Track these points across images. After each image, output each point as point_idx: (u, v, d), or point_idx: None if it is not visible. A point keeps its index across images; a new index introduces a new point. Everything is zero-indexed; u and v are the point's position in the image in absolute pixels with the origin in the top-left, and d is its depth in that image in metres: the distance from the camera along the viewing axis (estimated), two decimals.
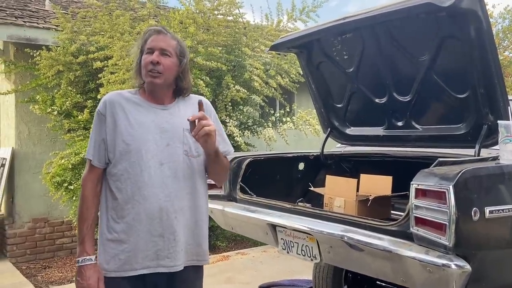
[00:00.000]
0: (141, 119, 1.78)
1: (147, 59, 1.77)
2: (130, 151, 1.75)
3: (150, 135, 1.77)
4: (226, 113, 5.15)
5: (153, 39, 1.80)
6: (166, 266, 1.77)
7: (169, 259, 1.77)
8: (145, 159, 1.74)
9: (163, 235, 1.76)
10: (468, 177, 1.67)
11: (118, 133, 1.76)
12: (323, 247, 2.16)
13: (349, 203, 2.48)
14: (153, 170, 1.75)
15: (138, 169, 1.74)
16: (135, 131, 1.76)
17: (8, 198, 5.78)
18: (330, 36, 2.80)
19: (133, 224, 1.74)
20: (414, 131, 2.77)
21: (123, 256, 1.75)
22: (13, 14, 5.72)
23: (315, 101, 3.25)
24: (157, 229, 1.75)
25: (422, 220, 1.71)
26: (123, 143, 1.75)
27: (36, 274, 5.22)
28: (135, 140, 1.75)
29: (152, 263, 1.76)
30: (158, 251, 1.76)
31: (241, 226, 2.78)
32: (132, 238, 1.74)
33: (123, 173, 1.75)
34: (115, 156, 1.76)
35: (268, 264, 4.98)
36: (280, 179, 3.21)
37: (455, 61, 2.36)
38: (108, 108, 1.79)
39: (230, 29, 5.54)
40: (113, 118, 1.77)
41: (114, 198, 1.77)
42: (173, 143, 1.79)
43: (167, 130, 1.80)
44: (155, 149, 1.76)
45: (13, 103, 5.66)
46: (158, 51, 1.77)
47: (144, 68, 1.79)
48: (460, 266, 1.59)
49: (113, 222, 1.77)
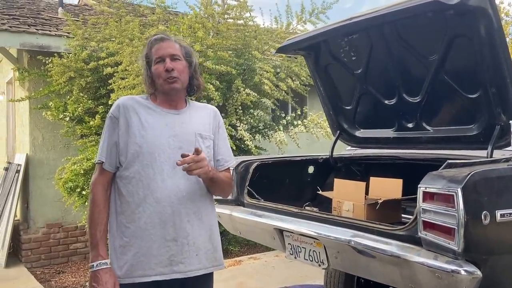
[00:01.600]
0: (154, 123, 1.78)
1: (160, 68, 1.78)
2: (143, 153, 1.74)
3: (163, 138, 1.77)
4: (236, 117, 5.13)
5: (159, 48, 1.81)
6: (181, 272, 1.75)
7: (183, 264, 1.75)
8: (158, 161, 1.74)
9: (177, 240, 1.74)
10: (477, 179, 1.62)
11: (131, 135, 1.75)
12: (330, 252, 2.12)
13: (358, 207, 2.42)
14: (166, 173, 1.74)
15: (151, 172, 1.73)
16: (148, 133, 1.76)
17: (23, 203, 5.86)
18: (337, 37, 2.76)
19: (145, 228, 1.72)
20: (424, 132, 2.71)
21: (135, 261, 1.72)
22: (26, 22, 5.82)
23: (324, 104, 3.21)
24: (170, 233, 1.73)
25: (430, 224, 1.66)
26: (135, 145, 1.74)
27: (50, 279, 5.27)
28: (148, 143, 1.75)
29: (166, 269, 1.73)
30: (172, 256, 1.74)
31: (249, 231, 2.75)
32: (144, 242, 1.72)
33: (135, 176, 1.74)
34: (127, 158, 1.75)
35: (280, 269, 4.93)
36: (289, 183, 3.17)
37: (466, 60, 2.30)
38: (121, 111, 1.78)
39: (239, 32, 5.52)
40: (126, 120, 1.77)
41: (125, 201, 1.76)
42: (186, 146, 1.78)
43: (180, 133, 1.80)
44: (168, 152, 1.75)
45: (27, 110, 5.74)
46: (168, 58, 1.79)
47: (159, 78, 1.79)
48: (470, 272, 1.54)
49: (123, 227, 1.75)
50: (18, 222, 5.82)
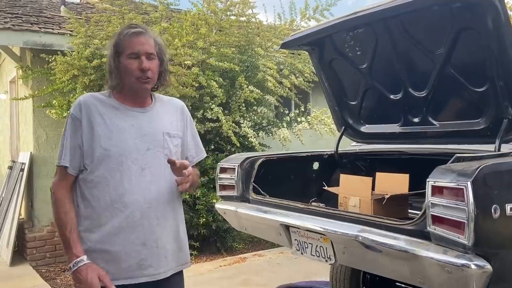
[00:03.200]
0: (119, 123, 1.70)
1: (133, 65, 1.69)
2: (109, 156, 1.66)
3: (130, 139, 1.70)
4: (240, 114, 5.12)
5: (135, 42, 1.70)
6: (150, 275, 1.72)
7: (152, 268, 1.72)
8: (125, 165, 1.67)
9: (146, 243, 1.70)
10: (487, 173, 1.60)
11: (96, 138, 1.67)
12: (337, 248, 2.10)
13: (364, 202, 2.41)
14: (134, 176, 1.68)
15: (118, 175, 1.66)
16: (114, 135, 1.68)
17: (27, 202, 5.86)
18: (341, 32, 2.74)
19: (113, 233, 1.66)
20: (431, 127, 2.69)
21: (103, 265, 1.66)
22: (28, 20, 5.81)
23: (329, 99, 3.19)
24: (139, 237, 1.69)
25: (439, 219, 1.64)
26: (101, 149, 1.66)
27: (55, 277, 5.27)
28: (115, 145, 1.67)
29: (135, 273, 1.69)
30: (141, 260, 1.70)
31: (254, 227, 2.74)
32: (113, 248, 1.66)
33: (101, 180, 1.66)
34: (92, 162, 1.67)
35: (285, 266, 4.93)
36: (294, 179, 3.16)
37: (473, 54, 2.28)
38: (84, 111, 1.68)
39: (242, 29, 5.51)
40: (89, 122, 1.68)
41: (89, 206, 1.68)
42: (154, 147, 1.74)
43: (147, 134, 1.74)
44: (135, 154, 1.69)
45: (30, 108, 5.74)
46: (144, 56, 1.70)
47: (130, 75, 1.70)
48: (480, 266, 1.52)
49: (88, 232, 1.68)
50: (23, 221, 5.83)
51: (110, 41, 1.80)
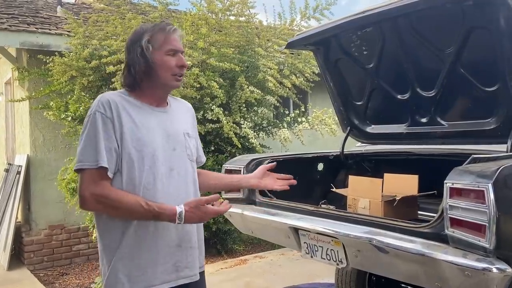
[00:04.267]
0: (146, 123, 1.64)
1: (171, 61, 1.65)
2: (142, 157, 1.59)
3: (158, 139, 1.64)
4: (240, 115, 5.06)
5: (174, 39, 1.67)
6: (187, 277, 1.69)
7: (188, 269, 1.69)
8: (157, 165, 1.62)
9: (181, 245, 1.67)
10: (507, 174, 1.56)
11: (127, 138, 1.58)
12: (349, 251, 2.06)
13: (374, 204, 2.37)
14: (165, 177, 1.63)
15: (151, 177, 1.60)
16: (144, 136, 1.61)
17: (24, 205, 5.78)
18: (348, 31, 2.71)
19: (149, 237, 1.62)
20: (439, 127, 2.66)
21: (137, 272, 1.61)
22: (25, 21, 5.73)
23: (334, 99, 3.15)
24: (173, 239, 1.65)
25: (458, 221, 1.61)
26: (133, 149, 1.58)
27: (53, 282, 5.20)
28: (146, 146, 1.60)
29: (172, 276, 1.65)
30: (177, 262, 1.66)
31: (261, 230, 2.69)
32: (149, 252, 1.62)
33: (135, 182, 1.59)
34: (125, 163, 1.58)
35: (287, 268, 4.89)
36: (299, 180, 3.10)
37: (484, 53, 2.26)
38: (114, 110, 1.59)
39: (242, 29, 5.46)
40: (119, 121, 1.58)
41: None
42: (179, 147, 1.70)
43: (172, 134, 1.69)
44: (163, 154, 1.64)
45: (27, 110, 5.66)
46: (181, 54, 1.69)
47: (166, 71, 1.65)
48: (502, 269, 1.48)
49: (123, 239, 1.61)
50: (20, 224, 5.75)
51: (134, 36, 1.69)
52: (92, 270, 5.55)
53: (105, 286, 1.65)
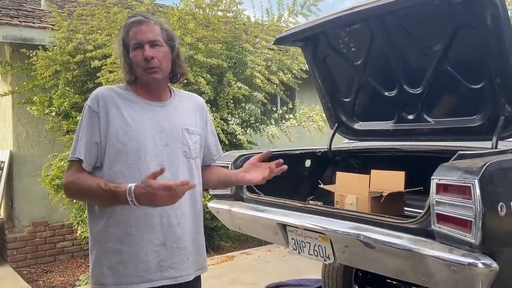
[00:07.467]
0: (137, 118, 1.63)
1: (138, 56, 1.61)
2: (127, 152, 1.59)
3: (149, 134, 1.63)
4: (228, 111, 5.05)
5: (137, 31, 1.62)
6: (170, 278, 1.65)
7: (173, 270, 1.65)
8: (144, 161, 1.60)
9: (165, 244, 1.63)
10: (493, 170, 1.58)
11: (112, 132, 1.59)
12: (337, 247, 2.07)
13: (361, 200, 2.38)
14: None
15: (136, 172, 1.58)
16: (132, 130, 1.60)
17: (7, 202, 5.68)
18: (337, 28, 2.70)
19: (131, 232, 1.59)
20: (425, 124, 2.67)
21: (120, 267, 1.59)
22: (8, 14, 5.61)
23: (322, 96, 3.15)
24: (158, 237, 1.62)
25: (444, 217, 1.62)
26: (118, 143, 1.59)
27: (37, 279, 5.13)
28: (132, 140, 1.60)
29: (155, 275, 1.62)
30: (161, 261, 1.62)
31: (249, 226, 2.69)
32: (131, 247, 1.59)
33: (118, 176, 1.58)
34: (109, 157, 1.59)
35: (273, 264, 4.89)
36: (287, 176, 3.09)
37: (470, 50, 2.27)
38: (101, 104, 1.60)
39: (230, 25, 5.44)
40: (106, 115, 1.60)
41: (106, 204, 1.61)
42: (173, 143, 1.67)
43: (166, 129, 1.67)
44: (154, 149, 1.62)
45: (10, 105, 5.55)
46: (148, 44, 1.61)
47: (137, 67, 1.63)
48: (487, 264, 1.50)
49: (106, 232, 1.61)
50: (3, 221, 5.65)
51: (118, 34, 1.72)
52: (76, 268, 5.48)
53: (91, 275, 1.66)
